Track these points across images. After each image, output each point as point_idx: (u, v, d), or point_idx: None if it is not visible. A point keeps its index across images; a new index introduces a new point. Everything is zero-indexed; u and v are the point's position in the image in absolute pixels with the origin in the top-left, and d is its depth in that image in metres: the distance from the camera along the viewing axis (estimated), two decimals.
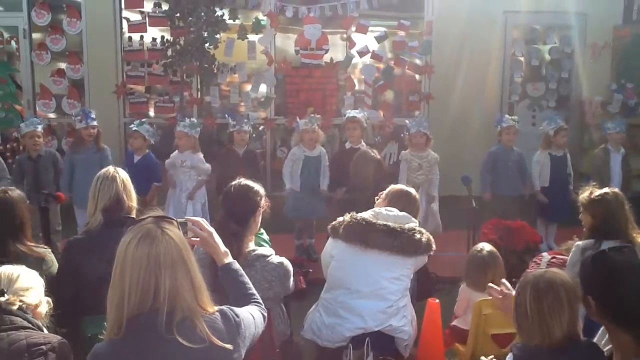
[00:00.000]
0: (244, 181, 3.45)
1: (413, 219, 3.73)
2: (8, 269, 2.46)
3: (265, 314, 2.47)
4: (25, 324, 2.30)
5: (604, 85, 9.21)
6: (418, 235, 3.56)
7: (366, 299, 3.56)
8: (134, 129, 6.48)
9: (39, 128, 6.35)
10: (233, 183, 3.45)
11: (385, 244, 3.51)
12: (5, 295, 2.32)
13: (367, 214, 3.69)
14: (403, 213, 3.71)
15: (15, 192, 3.62)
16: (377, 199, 4.12)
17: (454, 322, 4.08)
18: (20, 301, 2.35)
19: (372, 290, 3.56)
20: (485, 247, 4.06)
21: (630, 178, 6.90)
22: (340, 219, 3.72)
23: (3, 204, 3.49)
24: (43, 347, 2.22)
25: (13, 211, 3.49)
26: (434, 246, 3.66)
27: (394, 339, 3.62)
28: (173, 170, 6.45)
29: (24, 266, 2.54)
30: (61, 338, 2.33)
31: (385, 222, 3.57)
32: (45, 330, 2.41)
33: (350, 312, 3.58)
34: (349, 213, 3.72)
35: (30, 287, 2.45)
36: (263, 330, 2.50)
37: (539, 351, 2.35)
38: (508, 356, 2.50)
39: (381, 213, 3.69)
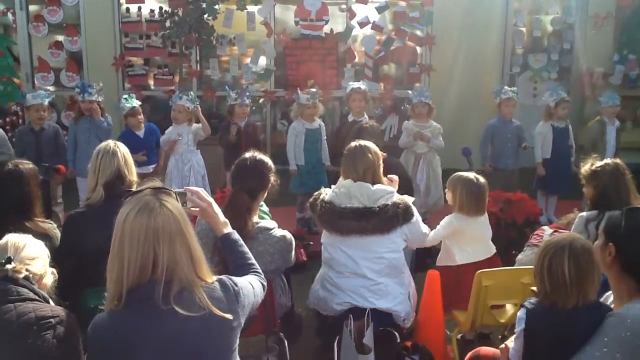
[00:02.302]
0: (258, 155, 3.44)
1: (389, 189, 3.60)
2: (14, 237, 2.44)
3: (265, 284, 2.48)
4: (32, 295, 2.29)
5: (606, 56, 9.14)
6: (392, 211, 3.48)
7: (349, 278, 3.59)
8: (135, 105, 6.35)
9: (46, 101, 6.30)
10: (247, 156, 3.43)
11: (358, 229, 3.47)
12: (12, 263, 2.31)
13: (336, 194, 3.57)
14: (377, 187, 3.57)
15: (27, 166, 3.53)
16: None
17: (438, 263, 4.10)
18: (27, 270, 2.34)
19: (353, 271, 3.57)
20: (475, 175, 4.08)
21: (619, 150, 6.86)
22: (316, 194, 3.70)
23: (11, 178, 3.42)
24: (52, 320, 2.21)
25: (23, 186, 3.42)
26: (414, 212, 3.59)
27: (391, 314, 3.63)
28: (167, 142, 6.39)
29: (30, 236, 2.53)
30: (68, 311, 2.32)
31: (355, 206, 3.49)
32: (52, 302, 2.40)
33: (337, 289, 3.62)
34: (322, 191, 3.68)
35: (36, 257, 2.44)
36: (264, 301, 2.51)
37: (556, 309, 2.47)
38: (520, 311, 2.59)
39: (354, 194, 3.54)
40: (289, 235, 3.45)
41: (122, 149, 3.58)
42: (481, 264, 3.94)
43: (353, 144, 3.81)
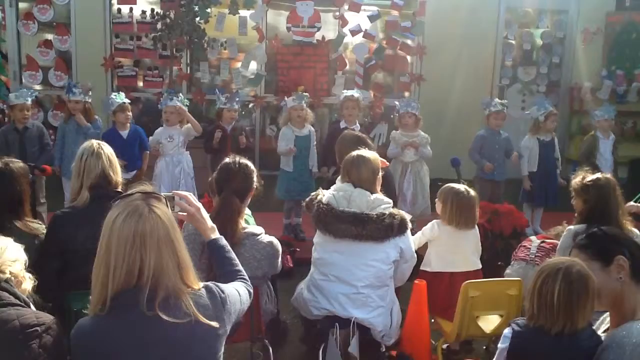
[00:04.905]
0: (241, 159, 3.43)
1: (386, 199, 3.61)
2: None
3: (251, 290, 2.46)
4: (13, 299, 2.23)
5: (595, 71, 9.24)
6: (388, 220, 3.49)
7: (333, 282, 3.57)
8: (124, 102, 6.32)
9: (29, 100, 6.24)
10: (230, 160, 3.42)
11: (352, 234, 3.47)
12: None
13: (334, 197, 3.58)
14: (375, 196, 3.58)
15: (18, 164, 3.47)
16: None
17: (422, 267, 4.07)
18: (10, 272, 2.30)
19: (337, 275, 3.56)
20: (466, 188, 4.07)
21: (617, 165, 6.93)
22: (313, 194, 3.71)
23: (2, 176, 3.34)
24: (37, 328, 2.13)
25: (13, 184, 3.36)
26: (409, 225, 3.60)
27: (369, 329, 3.58)
28: (156, 144, 6.36)
29: (10, 239, 2.49)
30: (54, 318, 2.27)
31: (352, 211, 3.50)
32: (33, 307, 2.35)
33: (319, 292, 3.61)
34: (319, 192, 3.70)
35: (17, 260, 2.39)
36: (250, 308, 2.49)
37: (542, 332, 2.36)
38: (507, 329, 2.51)
39: (353, 200, 3.55)
40: (275, 241, 3.43)
41: (107, 150, 3.50)
42: (459, 276, 3.92)
43: (354, 153, 3.78)
